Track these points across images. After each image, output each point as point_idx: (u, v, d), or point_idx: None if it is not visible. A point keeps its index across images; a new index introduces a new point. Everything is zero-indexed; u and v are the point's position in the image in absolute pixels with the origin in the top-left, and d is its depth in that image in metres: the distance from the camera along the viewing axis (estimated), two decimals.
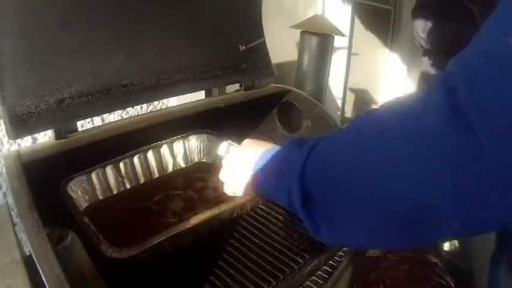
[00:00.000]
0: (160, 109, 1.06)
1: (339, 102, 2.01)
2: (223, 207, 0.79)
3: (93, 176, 0.86)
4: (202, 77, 0.94)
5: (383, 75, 2.38)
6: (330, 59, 1.32)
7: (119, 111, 1.15)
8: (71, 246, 0.59)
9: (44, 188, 0.66)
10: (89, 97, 0.74)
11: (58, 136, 0.70)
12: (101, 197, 0.87)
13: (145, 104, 1.22)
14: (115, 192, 0.90)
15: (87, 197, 0.84)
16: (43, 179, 0.67)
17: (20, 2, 0.66)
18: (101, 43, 0.76)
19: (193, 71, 0.92)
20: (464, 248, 1.31)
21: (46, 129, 0.69)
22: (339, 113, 2.05)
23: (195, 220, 0.75)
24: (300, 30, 1.22)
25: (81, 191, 0.83)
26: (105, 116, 1.11)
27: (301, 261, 0.79)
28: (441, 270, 0.74)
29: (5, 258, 0.59)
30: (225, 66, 0.98)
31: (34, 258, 0.53)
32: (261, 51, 1.06)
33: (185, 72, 0.90)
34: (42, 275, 0.51)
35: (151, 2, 0.85)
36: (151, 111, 1.12)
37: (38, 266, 0.52)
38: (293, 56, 1.22)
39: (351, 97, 2.13)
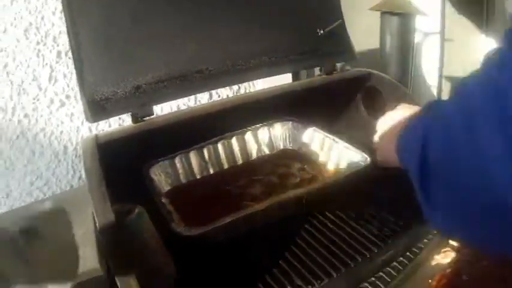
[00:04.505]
0: (240, 94, 1.07)
1: (435, 91, 1.85)
2: (300, 191, 0.79)
3: (177, 160, 0.90)
4: (279, 62, 0.93)
5: (479, 62, 2.13)
6: (413, 40, 1.24)
7: (205, 98, 1.19)
8: (137, 220, 0.62)
9: (121, 169, 0.71)
10: (165, 83, 0.78)
11: (135, 120, 0.76)
12: (183, 181, 0.90)
13: (230, 90, 1.24)
14: (198, 177, 0.93)
15: (169, 181, 0.88)
16: (120, 159, 0.72)
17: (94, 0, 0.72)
18: (173, 33, 0.80)
19: (270, 56, 0.91)
20: None
21: (123, 112, 0.74)
22: None
23: (268, 202, 0.74)
24: (379, 12, 1.17)
25: (165, 174, 0.87)
26: (191, 103, 1.16)
27: (375, 250, 0.75)
28: None
29: (80, 231, 0.65)
30: (302, 51, 0.96)
31: (97, 227, 0.57)
32: (341, 34, 1.03)
33: (261, 58, 0.90)
34: (103, 243, 0.55)
35: None
36: (231, 96, 1.14)
37: (100, 235, 0.56)
38: (376, 40, 1.16)
39: (447, 86, 1.95)
